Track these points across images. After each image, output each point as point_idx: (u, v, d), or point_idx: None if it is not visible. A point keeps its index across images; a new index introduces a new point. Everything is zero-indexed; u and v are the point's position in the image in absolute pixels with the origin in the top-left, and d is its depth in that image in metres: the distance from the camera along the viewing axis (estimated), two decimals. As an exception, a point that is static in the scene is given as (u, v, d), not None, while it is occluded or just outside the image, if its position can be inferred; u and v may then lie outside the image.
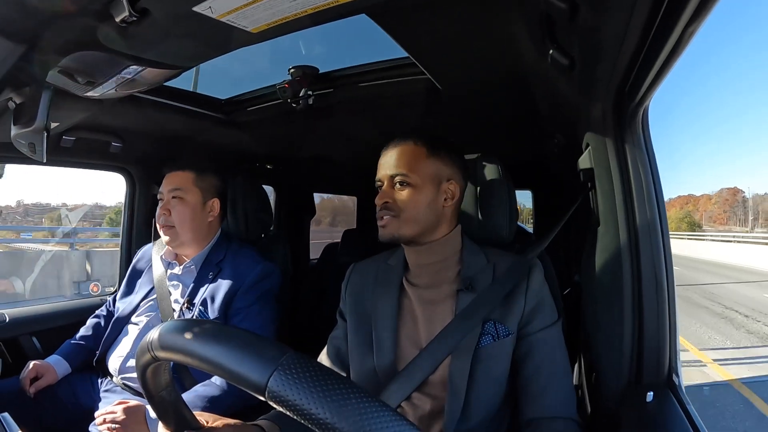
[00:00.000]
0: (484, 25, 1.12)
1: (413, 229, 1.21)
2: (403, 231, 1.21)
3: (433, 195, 1.22)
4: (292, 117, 1.95)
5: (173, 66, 1.14)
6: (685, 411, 0.93)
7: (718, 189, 63.20)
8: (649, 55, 0.82)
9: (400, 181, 1.21)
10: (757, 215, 59.08)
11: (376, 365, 1.19)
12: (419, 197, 1.20)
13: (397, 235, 1.21)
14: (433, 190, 1.22)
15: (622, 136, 1.12)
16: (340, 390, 0.52)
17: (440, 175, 1.24)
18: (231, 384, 0.80)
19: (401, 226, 1.21)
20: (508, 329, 1.15)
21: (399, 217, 1.21)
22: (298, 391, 0.52)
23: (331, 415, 0.50)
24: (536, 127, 1.96)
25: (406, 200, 1.20)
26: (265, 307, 1.77)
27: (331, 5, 0.87)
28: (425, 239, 1.24)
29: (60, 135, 1.85)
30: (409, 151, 1.23)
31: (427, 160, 1.23)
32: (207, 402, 1.50)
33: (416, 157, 1.22)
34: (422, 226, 1.22)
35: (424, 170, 1.22)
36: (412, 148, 1.24)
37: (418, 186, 1.21)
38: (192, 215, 1.77)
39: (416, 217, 1.21)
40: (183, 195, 1.76)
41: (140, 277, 1.90)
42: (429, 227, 1.23)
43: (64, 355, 1.78)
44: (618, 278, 1.14)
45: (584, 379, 1.48)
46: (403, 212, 1.20)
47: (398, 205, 1.21)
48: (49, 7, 0.84)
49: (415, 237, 1.23)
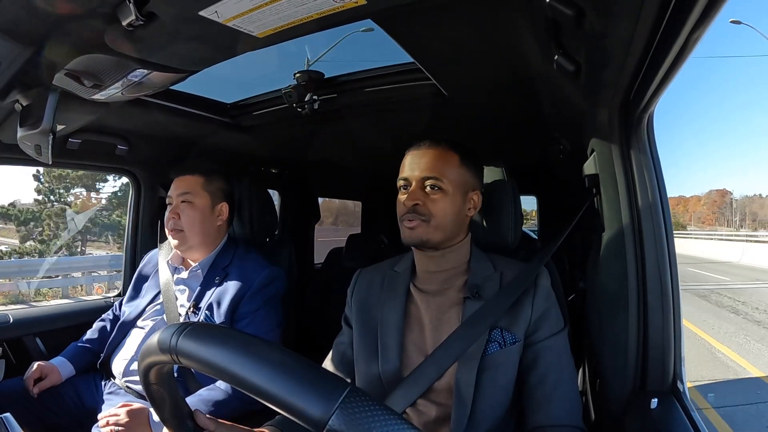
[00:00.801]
0: (490, 31, 1.12)
1: (440, 236, 1.21)
2: (432, 236, 1.20)
3: (461, 204, 1.23)
4: (298, 121, 1.96)
5: (179, 70, 1.14)
6: (689, 418, 0.93)
7: (707, 190, 63.42)
8: (654, 60, 0.82)
9: (432, 185, 1.20)
10: (745, 216, 59.05)
11: (381, 372, 1.19)
12: (449, 205, 1.20)
13: (425, 239, 1.20)
14: (462, 199, 1.23)
15: (628, 142, 1.12)
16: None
17: (468, 185, 1.24)
18: (235, 389, 0.79)
19: (430, 232, 1.20)
20: (515, 337, 1.15)
21: (429, 223, 1.19)
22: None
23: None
24: (541, 132, 1.96)
25: (437, 206, 1.19)
26: (271, 312, 1.76)
27: (336, 10, 0.88)
28: (444, 246, 1.24)
29: (66, 137, 1.86)
30: (443, 156, 1.23)
31: (459, 168, 1.23)
32: (211, 406, 1.50)
33: (449, 163, 1.22)
34: (448, 233, 1.22)
35: (456, 178, 1.22)
36: (446, 153, 1.23)
37: (450, 193, 1.20)
38: (201, 219, 1.78)
39: (445, 224, 1.20)
40: (192, 199, 1.77)
41: (147, 281, 1.91)
42: (452, 235, 1.24)
43: (69, 357, 1.78)
44: (623, 285, 1.13)
45: (588, 385, 1.48)
46: (434, 218, 1.19)
47: (429, 210, 1.19)
48: (56, 10, 0.85)
49: (440, 244, 1.22)
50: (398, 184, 1.26)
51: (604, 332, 1.26)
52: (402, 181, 1.25)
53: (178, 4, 0.84)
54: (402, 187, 1.25)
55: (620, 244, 1.15)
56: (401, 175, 1.25)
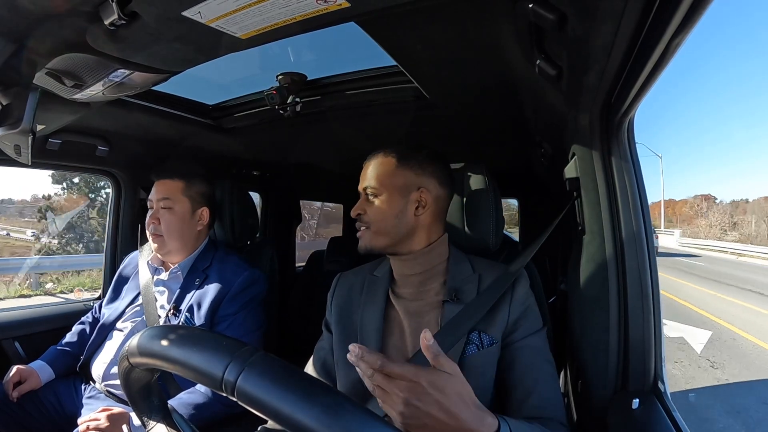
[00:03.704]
0: (472, 35, 1.13)
1: (384, 241, 1.24)
2: (375, 243, 1.24)
3: (401, 205, 1.23)
4: (280, 124, 1.95)
5: (161, 70, 1.13)
6: (670, 417, 0.94)
7: (692, 195, 65.76)
8: (635, 66, 0.83)
9: (371, 193, 1.25)
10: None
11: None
12: (386, 208, 1.23)
13: (369, 246, 1.24)
14: (402, 200, 1.24)
15: (608, 146, 1.13)
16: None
17: (409, 185, 1.25)
18: (215, 392, 0.79)
19: (372, 238, 1.24)
20: (492, 338, 1.15)
21: (370, 229, 1.24)
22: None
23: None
24: (523, 135, 1.97)
25: (374, 212, 1.23)
26: (251, 314, 1.76)
27: (320, 13, 0.87)
28: (402, 250, 1.25)
29: (46, 137, 1.84)
30: (379, 162, 1.26)
31: (396, 170, 1.25)
32: (192, 409, 1.48)
33: (385, 168, 1.25)
34: (393, 237, 1.24)
35: (392, 181, 1.24)
36: (382, 159, 1.27)
37: (385, 197, 1.23)
38: (180, 225, 1.77)
39: (385, 229, 1.23)
40: (171, 205, 1.76)
41: (127, 283, 1.89)
42: (401, 238, 1.25)
43: (49, 361, 1.75)
44: (604, 286, 1.15)
45: (570, 386, 1.49)
46: (373, 224, 1.23)
47: (369, 217, 1.24)
48: (39, 6, 0.83)
49: (388, 248, 1.25)
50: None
51: (586, 333, 1.27)
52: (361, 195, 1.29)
53: (161, 4, 0.83)
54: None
55: (601, 246, 1.17)
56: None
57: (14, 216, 14.66)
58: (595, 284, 1.20)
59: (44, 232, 14.59)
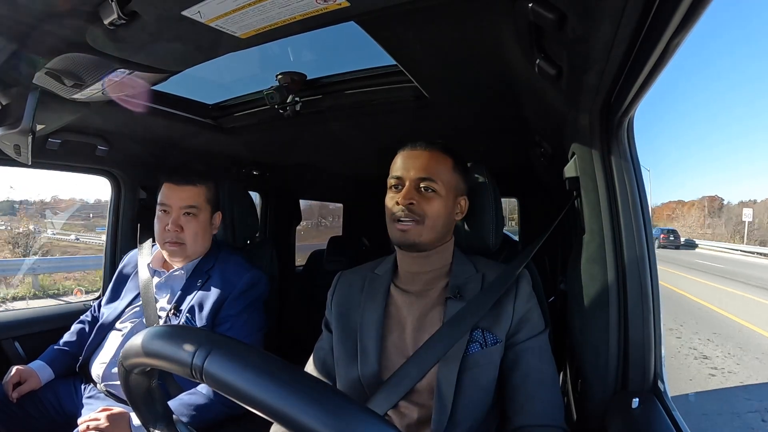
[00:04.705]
0: (472, 34, 1.12)
1: (431, 237, 1.22)
2: (424, 238, 1.20)
3: (451, 207, 1.24)
4: (280, 123, 1.95)
5: (161, 70, 1.13)
6: (670, 417, 0.94)
7: (700, 197, 66.57)
8: (634, 65, 0.83)
9: (426, 187, 1.21)
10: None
11: (361, 375, 1.18)
12: (443, 207, 1.21)
13: (418, 240, 1.20)
14: (453, 203, 1.24)
15: (608, 146, 1.13)
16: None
17: (458, 189, 1.26)
18: (217, 393, 0.79)
19: (423, 233, 1.20)
20: (496, 338, 1.15)
21: (423, 224, 1.20)
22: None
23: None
24: (523, 135, 1.97)
25: (432, 207, 1.20)
26: (253, 315, 1.75)
27: (319, 12, 0.87)
28: (432, 247, 1.24)
29: (46, 137, 1.83)
30: (438, 158, 1.24)
31: (452, 172, 1.24)
32: (192, 410, 1.48)
33: (444, 166, 1.23)
34: (438, 235, 1.23)
35: (449, 181, 1.23)
36: (441, 156, 1.24)
37: (443, 196, 1.21)
38: (203, 232, 1.76)
39: (437, 226, 1.21)
40: (197, 213, 1.73)
41: (126, 282, 1.87)
42: (441, 237, 1.25)
43: (48, 361, 1.74)
44: (603, 286, 1.15)
45: (570, 386, 1.49)
46: (428, 219, 1.20)
47: (424, 211, 1.20)
48: (39, 6, 0.83)
49: (429, 245, 1.23)
50: (389, 183, 1.26)
51: (585, 333, 1.27)
52: (394, 180, 1.24)
53: (160, 4, 0.83)
54: (393, 187, 1.25)
55: (600, 246, 1.17)
56: (393, 174, 1.25)
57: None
58: (594, 284, 1.20)
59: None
